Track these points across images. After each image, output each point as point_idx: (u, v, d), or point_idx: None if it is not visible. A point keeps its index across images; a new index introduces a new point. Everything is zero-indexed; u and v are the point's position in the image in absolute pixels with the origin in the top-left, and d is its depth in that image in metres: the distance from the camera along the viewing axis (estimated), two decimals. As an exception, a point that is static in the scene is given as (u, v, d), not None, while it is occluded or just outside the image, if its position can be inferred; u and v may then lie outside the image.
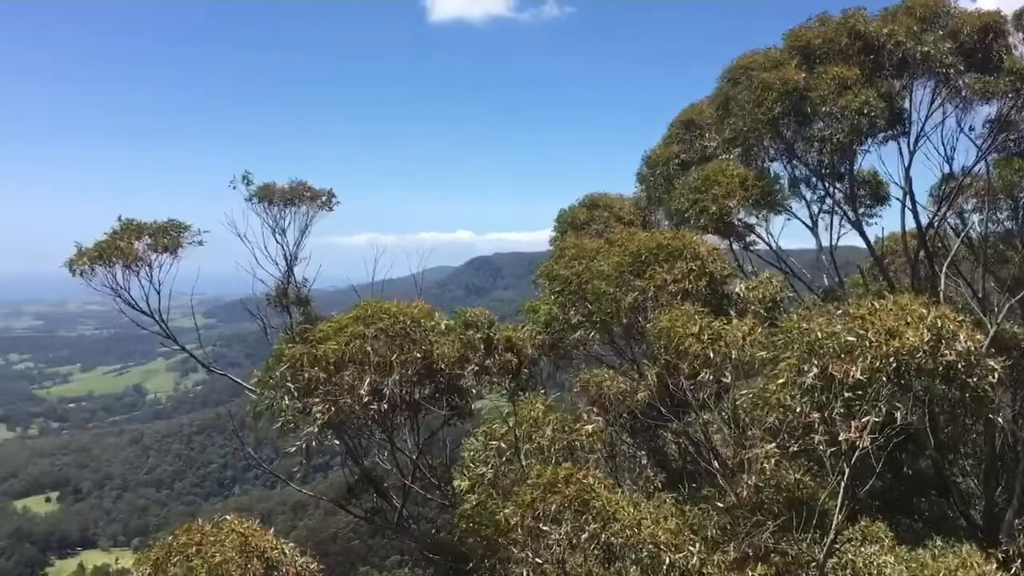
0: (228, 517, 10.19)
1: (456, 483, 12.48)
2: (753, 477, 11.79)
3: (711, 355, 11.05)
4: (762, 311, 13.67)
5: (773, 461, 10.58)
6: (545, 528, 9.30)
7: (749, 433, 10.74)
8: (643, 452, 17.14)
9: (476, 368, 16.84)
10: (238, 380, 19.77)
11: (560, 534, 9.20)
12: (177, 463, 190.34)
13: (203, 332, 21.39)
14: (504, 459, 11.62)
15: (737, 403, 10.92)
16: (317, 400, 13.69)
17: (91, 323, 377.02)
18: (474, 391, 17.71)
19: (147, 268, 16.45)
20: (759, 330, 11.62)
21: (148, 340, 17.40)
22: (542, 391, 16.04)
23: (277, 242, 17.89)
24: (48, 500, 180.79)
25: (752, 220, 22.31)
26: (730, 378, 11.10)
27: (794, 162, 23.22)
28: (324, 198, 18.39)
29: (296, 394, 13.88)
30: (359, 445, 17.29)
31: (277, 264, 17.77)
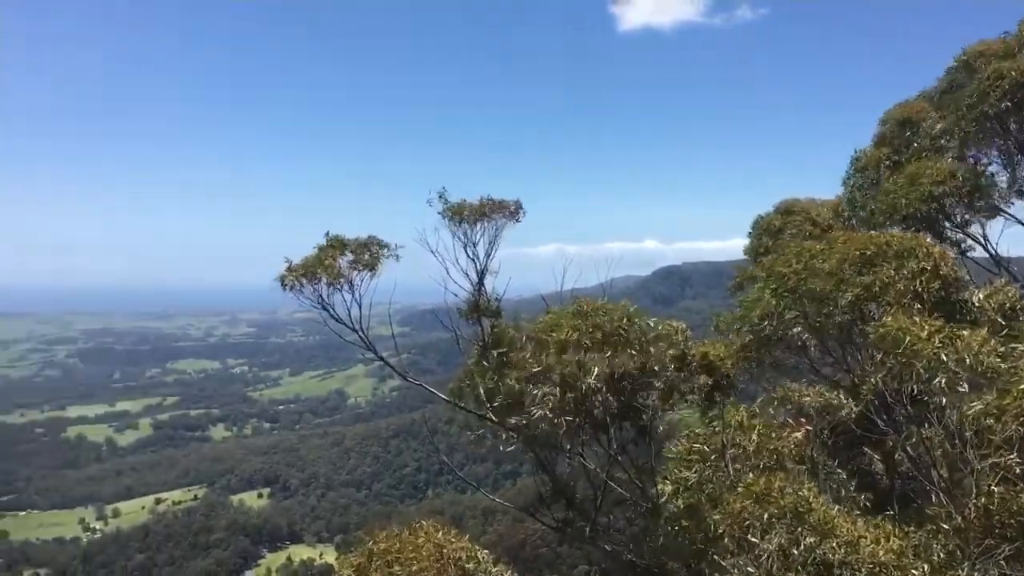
0: (424, 523, 10.51)
1: (660, 486, 12.17)
2: (982, 498, 10.77)
3: (944, 358, 10.13)
4: (1000, 319, 12.39)
5: (1015, 472, 9.58)
6: (754, 540, 8.86)
7: (985, 441, 9.76)
8: (843, 472, 16.10)
9: (663, 387, 15.87)
10: (432, 389, 20.35)
11: (772, 546, 8.72)
12: (375, 465, 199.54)
13: (398, 340, 22.19)
14: (708, 464, 11.21)
15: (968, 414, 9.95)
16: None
17: (298, 330, 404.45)
18: (659, 412, 16.98)
19: (348, 284, 17.25)
20: (993, 340, 10.59)
21: (349, 347, 18.31)
22: (730, 402, 15.33)
23: (468, 256, 18.27)
24: (260, 496, 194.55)
25: (967, 218, 20.79)
26: (966, 387, 10.12)
27: (1017, 158, 21.38)
28: (511, 209, 18.58)
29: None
30: (549, 456, 17.32)
31: (468, 276, 18.14)
